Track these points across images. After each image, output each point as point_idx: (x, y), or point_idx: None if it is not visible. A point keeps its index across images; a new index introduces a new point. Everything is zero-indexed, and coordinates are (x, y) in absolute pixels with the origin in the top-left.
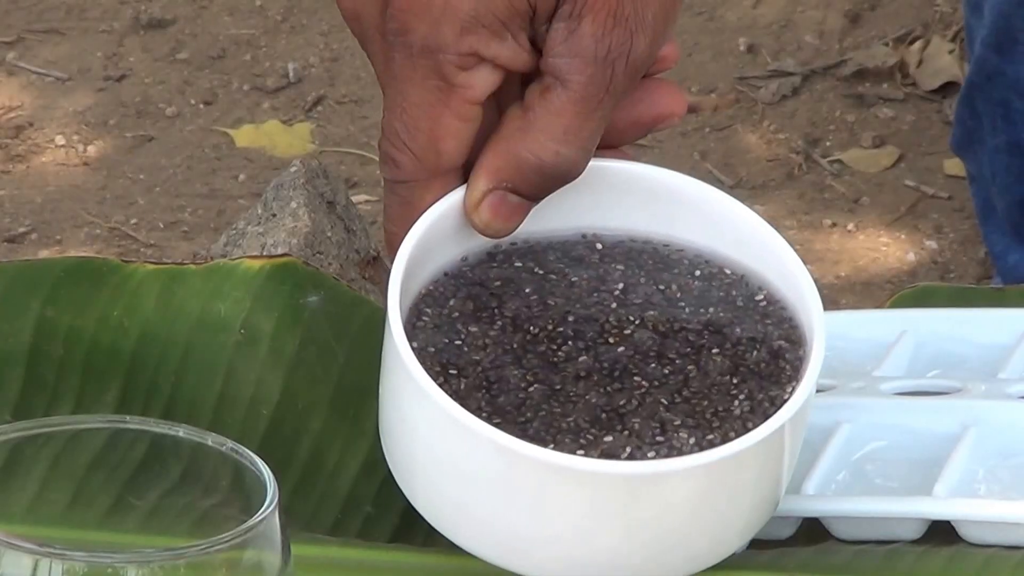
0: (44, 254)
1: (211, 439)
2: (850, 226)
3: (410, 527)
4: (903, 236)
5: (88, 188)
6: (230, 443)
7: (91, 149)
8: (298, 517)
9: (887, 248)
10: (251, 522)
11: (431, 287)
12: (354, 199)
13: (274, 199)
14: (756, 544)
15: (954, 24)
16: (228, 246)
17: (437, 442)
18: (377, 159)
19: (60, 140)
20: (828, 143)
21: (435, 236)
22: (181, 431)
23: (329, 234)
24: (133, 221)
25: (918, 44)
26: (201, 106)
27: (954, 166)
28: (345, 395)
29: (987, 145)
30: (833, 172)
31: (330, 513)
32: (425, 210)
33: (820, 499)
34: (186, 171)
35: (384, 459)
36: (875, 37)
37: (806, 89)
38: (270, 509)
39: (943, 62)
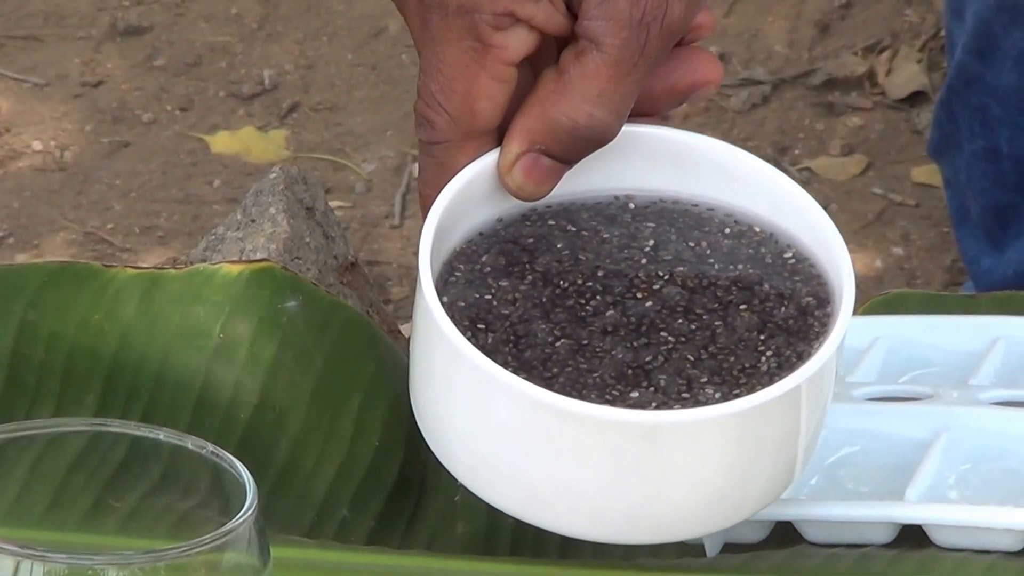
0: (21, 258)
1: (191, 442)
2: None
3: (386, 530)
4: (871, 243)
5: (65, 193)
6: (210, 446)
7: (68, 154)
8: (275, 519)
9: (855, 255)
10: (231, 525)
11: (465, 245)
12: (328, 204)
13: (253, 205)
14: (728, 548)
15: (923, 34)
16: (208, 251)
17: (465, 395)
18: (350, 165)
19: (37, 145)
20: (797, 151)
21: (469, 197)
22: (161, 434)
23: (308, 240)
24: (109, 226)
25: (887, 53)
26: (177, 112)
27: (922, 174)
28: (322, 399)
29: (964, 150)
30: (802, 180)
31: (307, 516)
32: (459, 171)
33: (792, 503)
34: (162, 177)
35: (361, 460)
36: (844, 46)
37: (776, 98)
38: (250, 512)
39: (912, 71)
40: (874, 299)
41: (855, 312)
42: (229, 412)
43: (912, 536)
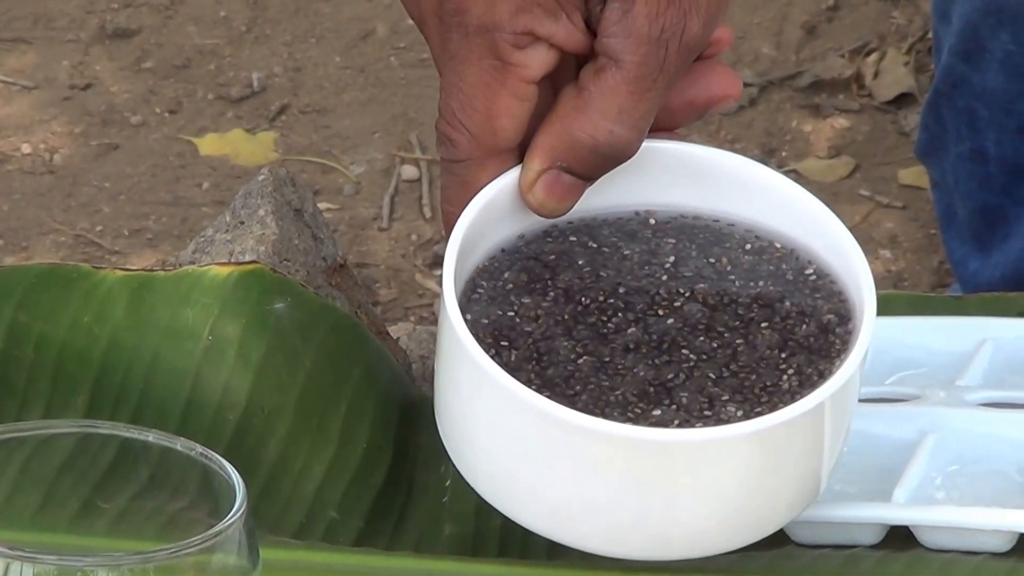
0: (10, 261)
1: (180, 443)
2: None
3: (374, 531)
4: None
5: (54, 196)
6: (199, 447)
7: (57, 157)
8: (264, 521)
9: None
10: (220, 526)
11: (487, 262)
12: (318, 207)
13: (242, 207)
14: None
15: (910, 36)
16: (197, 253)
17: (489, 413)
18: (339, 168)
19: (26, 148)
20: (784, 153)
21: (491, 215)
22: (151, 436)
23: (296, 242)
24: (98, 228)
25: (874, 56)
26: (166, 115)
27: (909, 176)
28: (311, 401)
29: (951, 152)
30: None
31: (295, 517)
32: (481, 189)
33: None
34: (151, 179)
35: (345, 464)
36: (831, 49)
37: (763, 100)
38: (239, 513)
39: (899, 74)
40: None
41: None
42: (218, 413)
43: (899, 537)
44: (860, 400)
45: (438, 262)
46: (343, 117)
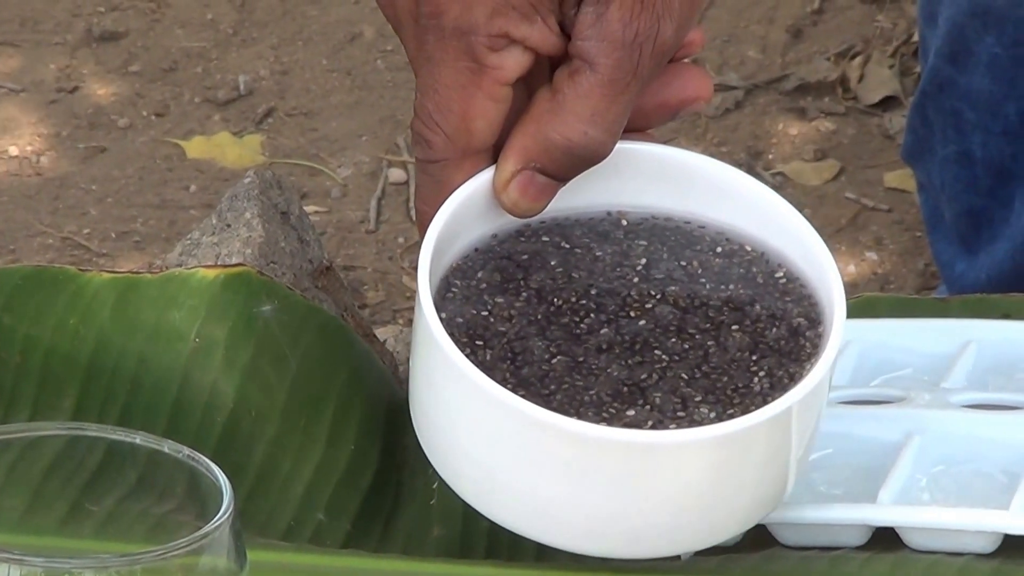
0: None
1: (168, 446)
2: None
3: (362, 533)
4: (844, 248)
5: (41, 199)
6: (187, 450)
7: (44, 160)
8: (252, 523)
9: None
10: (207, 528)
11: (461, 261)
12: (303, 210)
13: (228, 209)
14: (702, 551)
15: (894, 39)
16: (183, 256)
17: (464, 412)
18: (326, 170)
19: (14, 151)
20: (770, 156)
21: (465, 214)
22: (138, 438)
23: (283, 244)
24: (86, 231)
25: (859, 59)
26: (153, 118)
27: (894, 179)
28: (298, 403)
29: (937, 154)
30: (775, 185)
31: (283, 519)
32: (456, 189)
33: None
34: (138, 182)
35: (332, 463)
36: (817, 52)
37: (749, 103)
38: (226, 515)
39: (883, 77)
40: (846, 303)
41: None
42: (205, 416)
43: (885, 538)
44: (846, 402)
45: None
46: (330, 120)
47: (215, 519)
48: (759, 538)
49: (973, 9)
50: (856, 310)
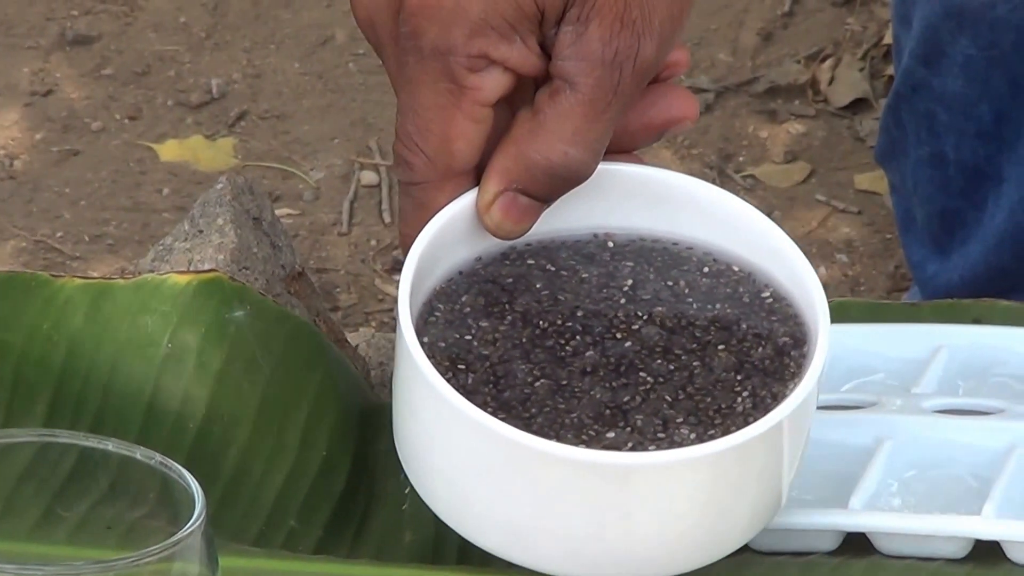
0: None
1: (140, 452)
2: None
3: (334, 539)
4: (814, 250)
5: (15, 201)
6: (158, 456)
7: (17, 163)
8: (224, 529)
9: None
10: (180, 535)
11: (445, 285)
12: (276, 212)
13: (201, 215)
14: None
15: (865, 42)
16: (156, 261)
17: (444, 435)
18: (298, 173)
19: None
20: (741, 158)
21: (448, 237)
22: (110, 444)
23: (255, 250)
24: (59, 234)
25: (829, 62)
26: (126, 121)
27: (864, 181)
28: (270, 409)
29: (910, 156)
30: (746, 187)
31: (255, 525)
32: (438, 211)
33: None
34: (111, 185)
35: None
36: (787, 55)
37: (719, 105)
38: (198, 522)
39: (854, 79)
40: None
41: None
42: (178, 422)
43: (856, 544)
44: (817, 407)
45: (397, 267)
46: (302, 123)
47: (187, 525)
48: None
49: (947, 11)
50: None
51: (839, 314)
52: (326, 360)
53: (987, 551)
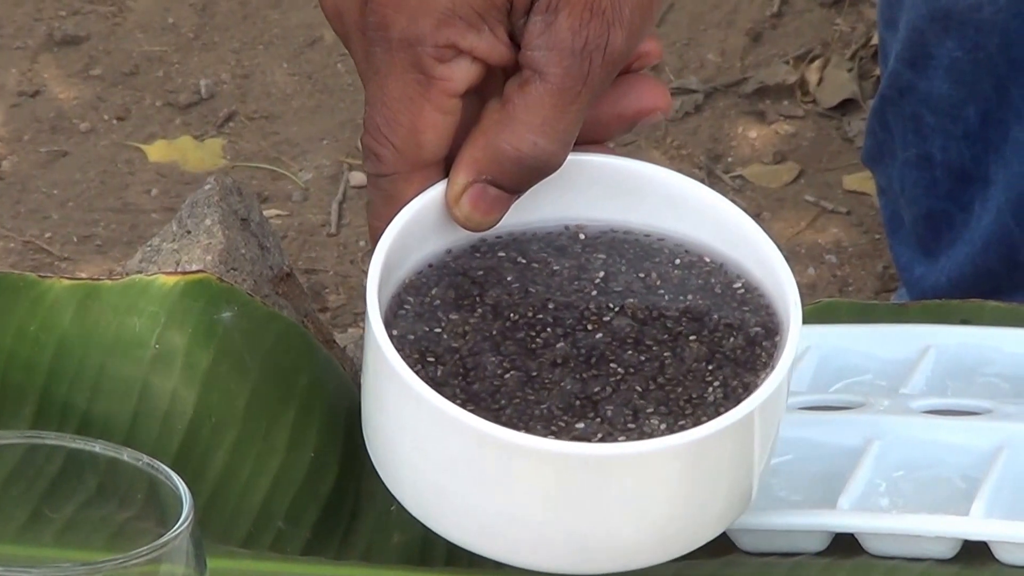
0: None
1: (127, 454)
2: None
3: (322, 540)
4: (803, 251)
5: (3, 202)
6: (146, 458)
7: (6, 164)
8: (211, 530)
9: (788, 262)
10: (167, 536)
11: (415, 277)
12: (265, 213)
13: (189, 216)
14: None
15: (853, 43)
16: (144, 262)
17: (413, 428)
18: (287, 174)
19: None
20: (730, 159)
21: (418, 228)
22: (97, 446)
23: (243, 251)
24: (47, 235)
25: (818, 62)
26: (114, 122)
27: (853, 182)
28: (258, 410)
29: (897, 158)
30: (735, 187)
31: (243, 526)
32: (407, 203)
33: None
34: (99, 186)
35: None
36: (776, 56)
37: (708, 106)
38: (186, 523)
39: (842, 80)
40: (806, 308)
41: None
42: (166, 423)
43: (845, 544)
44: (805, 408)
45: None
46: (291, 124)
47: (175, 527)
48: (718, 544)
49: (933, 13)
50: (816, 315)
51: (828, 315)
52: (314, 361)
53: (975, 551)
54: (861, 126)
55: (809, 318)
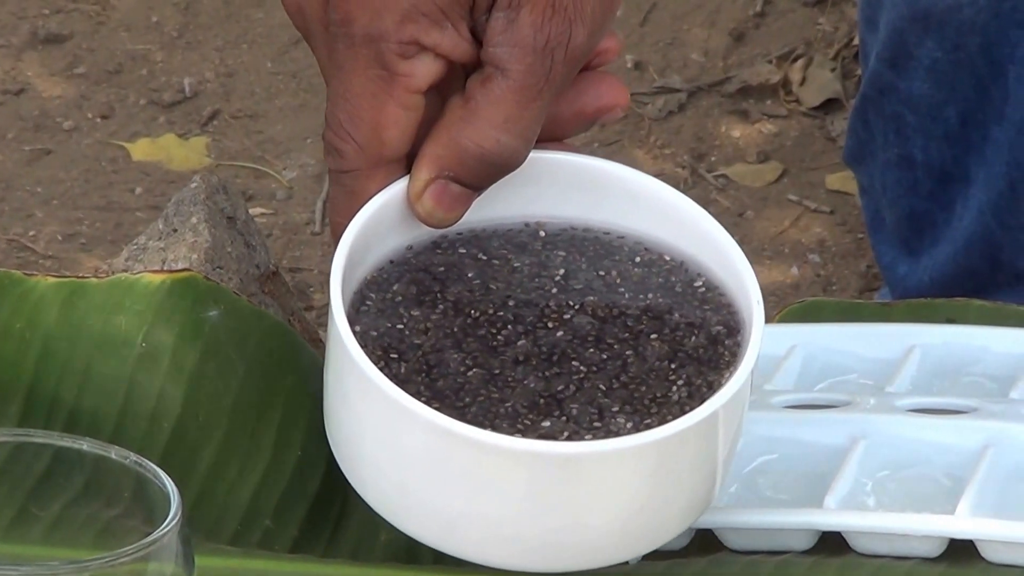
0: None
1: (114, 452)
2: (735, 239)
3: (310, 539)
4: (786, 250)
5: None
6: (133, 456)
7: None
8: (199, 528)
9: (771, 261)
10: (155, 534)
11: (376, 273)
12: (250, 212)
13: (175, 214)
14: (649, 555)
15: (836, 43)
16: (130, 261)
17: (377, 425)
18: (272, 173)
19: None
20: (713, 158)
21: (380, 225)
22: (84, 444)
23: (229, 249)
24: (31, 233)
25: (801, 62)
26: (98, 120)
27: (836, 181)
28: (245, 408)
29: (879, 158)
30: (718, 187)
31: (231, 525)
32: (369, 199)
33: (713, 511)
34: (84, 184)
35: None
36: (759, 55)
37: (692, 105)
38: (174, 521)
39: (825, 79)
40: (791, 307)
41: (772, 319)
42: (152, 421)
43: (831, 542)
44: (791, 407)
45: None
46: (275, 122)
47: (163, 525)
48: (705, 542)
49: (913, 14)
50: (801, 314)
51: (812, 314)
52: (301, 360)
53: (962, 550)
54: (844, 125)
55: (794, 317)
